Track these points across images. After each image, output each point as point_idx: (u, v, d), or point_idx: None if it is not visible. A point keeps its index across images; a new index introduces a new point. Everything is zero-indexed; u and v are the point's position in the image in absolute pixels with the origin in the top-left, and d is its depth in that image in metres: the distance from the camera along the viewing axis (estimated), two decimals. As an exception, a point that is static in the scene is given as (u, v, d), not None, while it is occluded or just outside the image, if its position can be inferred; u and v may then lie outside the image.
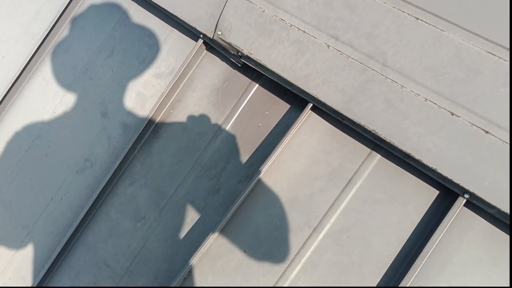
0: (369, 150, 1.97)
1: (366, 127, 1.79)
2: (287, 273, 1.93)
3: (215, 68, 2.43)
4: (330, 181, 1.98)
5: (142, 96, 2.54)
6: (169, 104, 2.47)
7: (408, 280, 1.71)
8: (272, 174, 2.05)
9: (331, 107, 1.86)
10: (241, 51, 2.05)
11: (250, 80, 2.36)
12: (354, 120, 1.81)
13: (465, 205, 1.76)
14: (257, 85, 2.35)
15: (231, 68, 2.39)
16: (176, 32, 2.54)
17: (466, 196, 1.69)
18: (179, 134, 2.42)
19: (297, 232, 1.96)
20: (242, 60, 2.16)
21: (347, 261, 1.88)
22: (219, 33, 2.13)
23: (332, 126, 2.04)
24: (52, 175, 2.58)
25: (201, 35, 2.33)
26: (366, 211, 1.90)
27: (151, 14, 2.61)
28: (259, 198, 2.05)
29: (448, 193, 1.81)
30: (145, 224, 2.35)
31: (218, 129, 2.34)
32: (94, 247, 2.41)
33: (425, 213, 1.84)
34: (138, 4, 2.64)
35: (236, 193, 2.22)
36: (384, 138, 1.76)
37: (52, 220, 2.54)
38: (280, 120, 2.25)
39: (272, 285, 1.93)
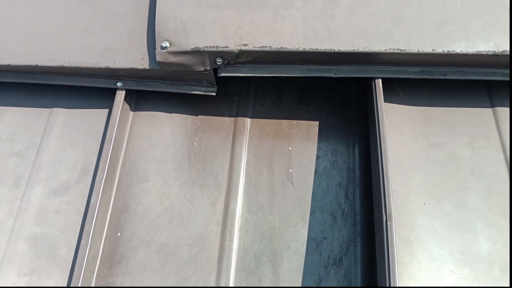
0: (489, 106, 1.20)
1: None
2: None
3: (162, 127, 1.38)
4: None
5: (45, 241, 1.24)
6: (106, 226, 1.26)
7: None
8: (401, 217, 1.06)
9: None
10: (224, 49, 1.11)
11: (233, 118, 1.39)
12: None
13: None
14: (249, 119, 1.39)
15: (190, 116, 1.39)
16: (60, 111, 1.43)
17: None
18: (156, 267, 1.19)
19: None
20: (222, 73, 1.20)
21: None
22: (166, 45, 1.15)
23: (415, 106, 1.23)
24: None
25: (119, 83, 1.30)
26: None
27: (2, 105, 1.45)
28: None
29: None
30: None
31: (225, 214, 1.24)
32: None
33: None
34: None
35: None
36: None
37: None
38: (319, 144, 1.32)
39: None
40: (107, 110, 1.41)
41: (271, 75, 1.19)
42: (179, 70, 1.19)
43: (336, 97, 1.42)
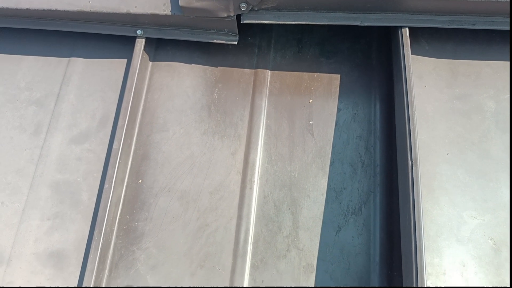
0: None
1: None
2: None
3: (182, 77, 1.37)
4: None
5: (67, 187, 1.25)
6: (128, 174, 1.26)
7: None
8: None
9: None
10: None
11: (253, 70, 1.38)
12: None
13: None
14: (269, 71, 1.37)
15: (209, 67, 1.37)
16: (78, 60, 1.41)
17: None
18: (177, 214, 1.21)
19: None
20: (245, 19, 1.18)
21: None
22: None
23: (440, 58, 1.21)
24: None
25: (139, 31, 1.28)
26: None
27: (20, 54, 1.43)
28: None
29: None
30: None
31: (245, 163, 1.24)
32: None
33: None
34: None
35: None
36: None
37: None
38: (340, 97, 1.32)
39: None
40: (125, 60, 1.40)
41: (296, 22, 1.17)
42: (202, 16, 1.17)
43: (358, 51, 1.40)
